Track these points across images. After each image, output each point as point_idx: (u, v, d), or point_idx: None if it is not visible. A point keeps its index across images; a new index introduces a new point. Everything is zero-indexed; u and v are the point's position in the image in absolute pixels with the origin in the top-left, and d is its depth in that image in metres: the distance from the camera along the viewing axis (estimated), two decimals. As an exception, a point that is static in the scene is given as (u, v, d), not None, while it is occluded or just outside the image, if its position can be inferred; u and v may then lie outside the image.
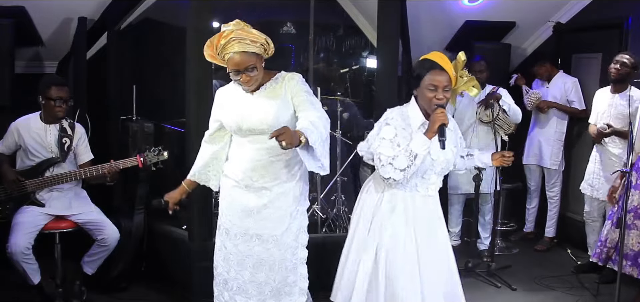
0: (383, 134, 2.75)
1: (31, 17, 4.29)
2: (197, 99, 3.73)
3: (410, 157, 2.65)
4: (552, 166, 5.09)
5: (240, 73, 2.67)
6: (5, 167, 3.63)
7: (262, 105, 2.73)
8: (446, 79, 2.70)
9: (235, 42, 2.62)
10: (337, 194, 4.72)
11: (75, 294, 3.79)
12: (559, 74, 5.07)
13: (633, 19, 4.60)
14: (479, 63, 4.82)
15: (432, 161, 2.77)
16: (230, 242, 2.86)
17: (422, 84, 2.72)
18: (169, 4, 4.78)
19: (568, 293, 4.18)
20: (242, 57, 2.63)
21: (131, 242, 4.07)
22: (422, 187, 2.83)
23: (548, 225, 5.23)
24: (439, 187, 2.92)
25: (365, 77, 6.08)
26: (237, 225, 2.84)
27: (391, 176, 2.69)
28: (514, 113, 4.63)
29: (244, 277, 2.85)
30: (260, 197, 2.80)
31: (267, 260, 2.82)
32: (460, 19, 5.27)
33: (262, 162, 2.77)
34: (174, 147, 4.15)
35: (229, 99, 2.83)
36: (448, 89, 2.71)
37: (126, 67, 4.79)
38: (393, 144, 2.72)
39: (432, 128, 2.67)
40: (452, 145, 2.90)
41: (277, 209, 2.81)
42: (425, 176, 2.82)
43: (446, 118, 2.67)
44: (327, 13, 5.51)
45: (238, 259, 2.85)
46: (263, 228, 2.81)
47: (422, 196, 2.84)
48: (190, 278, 3.85)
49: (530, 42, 5.77)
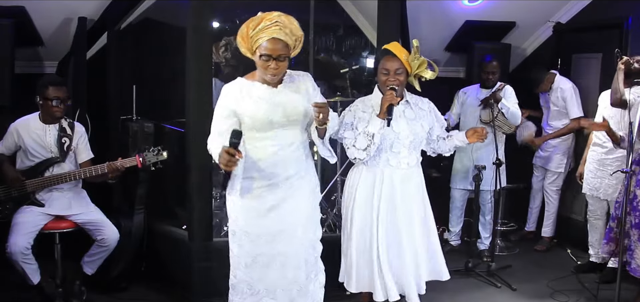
0: (345, 120, 3.18)
1: (31, 17, 4.29)
2: (197, 99, 3.74)
3: (368, 137, 3.03)
4: (557, 169, 5.07)
5: (271, 59, 2.65)
6: (7, 166, 3.63)
7: (291, 98, 2.76)
8: (397, 64, 3.09)
9: (277, 27, 2.62)
10: (337, 194, 4.72)
11: (75, 294, 3.79)
12: (556, 80, 4.97)
13: (633, 19, 4.59)
14: (490, 64, 4.78)
15: (396, 134, 3.11)
16: (252, 244, 2.81)
17: (379, 69, 3.16)
18: (169, 4, 4.77)
19: (568, 293, 4.18)
20: (279, 45, 2.64)
21: (131, 242, 4.07)
22: (393, 160, 3.16)
23: (545, 224, 5.22)
24: (417, 160, 3.26)
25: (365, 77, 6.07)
26: (258, 225, 2.80)
27: (356, 156, 3.10)
28: (512, 115, 4.59)
29: (272, 278, 2.81)
30: (280, 192, 2.79)
31: (294, 256, 2.82)
32: (460, 19, 5.26)
33: (283, 156, 2.78)
34: (174, 147, 4.14)
35: (248, 93, 2.76)
36: (400, 72, 3.10)
37: (126, 67, 4.78)
38: (353, 127, 3.13)
39: (382, 108, 3.03)
40: (423, 122, 3.24)
41: (297, 202, 2.82)
42: (393, 149, 3.15)
43: (394, 98, 3.02)
44: (327, 13, 5.51)
45: (263, 261, 2.81)
46: (285, 223, 2.80)
47: (397, 169, 3.16)
48: (190, 278, 3.85)
49: (530, 42, 5.77)
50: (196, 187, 3.79)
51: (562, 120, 4.99)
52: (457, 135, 3.41)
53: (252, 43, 2.69)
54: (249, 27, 2.68)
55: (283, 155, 2.78)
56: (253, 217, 2.80)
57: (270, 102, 2.74)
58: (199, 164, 3.75)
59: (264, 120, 2.73)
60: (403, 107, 3.21)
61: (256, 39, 2.65)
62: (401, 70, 3.10)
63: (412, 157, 3.21)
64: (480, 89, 4.84)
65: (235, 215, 2.84)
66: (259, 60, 2.70)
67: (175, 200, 4.42)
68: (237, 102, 2.75)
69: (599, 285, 4.16)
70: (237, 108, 2.75)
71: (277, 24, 2.62)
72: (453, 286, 3.98)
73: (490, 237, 4.80)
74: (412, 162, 3.21)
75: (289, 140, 2.78)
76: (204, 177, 3.80)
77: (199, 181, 3.78)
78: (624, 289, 3.58)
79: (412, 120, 3.20)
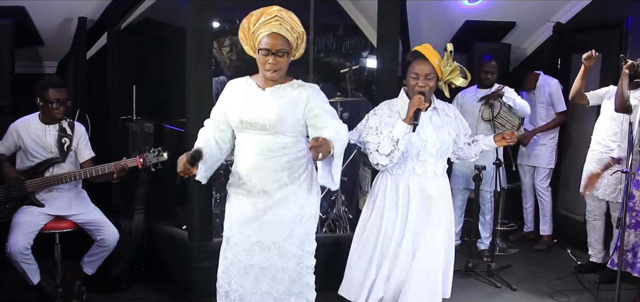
0: (369, 124, 3.04)
1: (31, 17, 4.29)
2: (197, 99, 3.74)
3: (392, 142, 2.89)
4: (547, 165, 5.13)
5: (270, 54, 2.61)
6: (7, 166, 3.63)
7: (269, 102, 2.68)
8: (428, 68, 2.94)
9: (276, 22, 2.59)
10: (337, 194, 4.72)
11: (75, 294, 3.79)
12: (541, 78, 5.09)
13: (633, 19, 4.60)
14: (489, 63, 4.80)
15: (423, 142, 2.97)
16: (230, 251, 2.78)
17: (408, 72, 3.00)
18: (169, 4, 4.77)
19: (568, 293, 4.18)
20: (277, 39, 2.60)
21: (131, 242, 4.06)
22: (420, 169, 3.02)
23: (542, 222, 5.24)
24: (443, 169, 3.11)
25: (365, 77, 6.07)
26: (236, 233, 2.76)
27: (378, 162, 2.95)
28: (521, 107, 4.62)
29: (246, 288, 2.75)
30: (260, 203, 2.72)
31: (269, 269, 2.73)
32: (460, 19, 5.26)
33: (262, 163, 2.69)
34: (174, 148, 4.14)
35: (239, 91, 2.76)
36: (430, 77, 2.95)
37: (126, 67, 4.78)
38: (377, 132, 2.99)
39: (408, 113, 2.89)
40: (450, 129, 3.10)
41: (277, 215, 2.72)
42: (420, 158, 3.01)
43: (422, 103, 2.88)
44: (327, 13, 5.51)
45: (238, 269, 2.75)
46: (263, 235, 2.72)
47: (423, 178, 3.03)
48: (190, 278, 3.85)
49: (530, 42, 5.77)
50: (196, 187, 3.78)
51: (547, 117, 5.09)
52: (484, 140, 3.29)
53: (253, 39, 2.67)
54: (250, 21, 2.65)
55: (262, 162, 2.69)
56: (234, 223, 2.77)
57: (249, 102, 2.69)
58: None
59: (235, 119, 2.70)
60: (430, 113, 3.06)
61: (257, 34, 2.63)
62: (432, 75, 2.96)
63: (438, 165, 3.07)
64: (478, 89, 4.85)
65: (228, 221, 2.84)
66: (258, 56, 2.67)
67: (175, 200, 4.42)
68: (229, 98, 2.76)
69: (599, 285, 4.16)
70: (226, 104, 2.76)
71: (276, 18, 2.60)
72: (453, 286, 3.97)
73: (490, 237, 4.81)
74: (438, 170, 3.07)
75: (269, 146, 2.67)
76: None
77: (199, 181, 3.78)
78: (624, 289, 3.58)
79: (439, 128, 3.05)
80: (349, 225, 4.58)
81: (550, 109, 5.09)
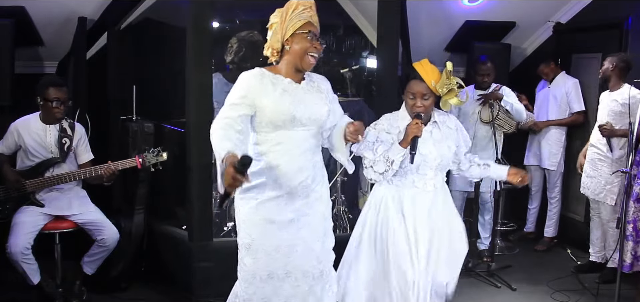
0: (368, 138, 3.01)
1: (31, 17, 4.29)
2: (197, 99, 3.74)
3: (387, 163, 2.92)
4: (551, 166, 5.11)
5: (315, 38, 2.57)
6: (6, 167, 3.63)
7: (315, 97, 2.62)
8: (424, 88, 2.91)
9: (313, 11, 2.60)
10: (337, 194, 4.71)
11: (75, 294, 3.79)
12: (561, 75, 5.08)
13: (633, 19, 4.60)
14: (484, 65, 4.71)
15: (423, 156, 2.96)
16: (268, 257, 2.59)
17: (405, 91, 2.99)
18: (169, 4, 4.77)
19: (568, 293, 4.18)
20: (317, 25, 2.61)
21: (131, 242, 4.07)
22: (420, 182, 3.01)
23: (547, 225, 5.23)
24: (442, 181, 3.10)
25: (365, 77, 6.07)
26: (276, 238, 2.58)
27: (372, 177, 3.00)
28: (517, 112, 4.62)
29: (287, 292, 2.63)
30: (300, 201, 2.60)
31: (310, 270, 2.66)
32: (460, 19, 5.26)
33: (302, 161, 2.59)
34: (174, 148, 4.14)
35: (266, 84, 2.52)
36: (427, 97, 2.93)
37: (126, 67, 4.78)
38: (374, 147, 2.98)
39: (405, 139, 2.90)
40: (450, 142, 3.06)
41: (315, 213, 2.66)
42: (420, 171, 3.00)
43: (420, 130, 2.88)
44: (327, 13, 5.49)
45: (279, 275, 2.61)
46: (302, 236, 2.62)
47: (422, 191, 3.02)
48: (190, 278, 3.85)
49: (530, 42, 5.77)
50: (196, 187, 3.79)
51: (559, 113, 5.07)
52: (496, 169, 3.24)
53: (290, 25, 2.54)
54: (290, 8, 2.57)
55: (302, 159, 2.58)
56: (271, 230, 2.57)
57: (294, 97, 2.54)
58: (199, 164, 3.75)
59: (287, 115, 2.50)
60: (431, 127, 3.03)
61: (296, 21, 2.54)
62: (428, 95, 2.92)
63: (438, 178, 3.06)
64: (475, 90, 4.82)
65: (250, 227, 2.59)
66: (298, 43, 2.55)
67: (175, 200, 4.42)
68: (258, 92, 2.49)
69: (599, 285, 4.16)
70: (256, 98, 2.49)
71: (312, 8, 2.60)
72: (453, 286, 3.98)
73: (490, 237, 4.80)
74: (438, 183, 3.06)
75: (307, 143, 2.59)
76: (204, 177, 3.80)
77: (199, 180, 3.79)
78: (624, 289, 3.59)
79: (439, 142, 3.02)
80: (349, 225, 4.58)
81: (562, 107, 5.05)
